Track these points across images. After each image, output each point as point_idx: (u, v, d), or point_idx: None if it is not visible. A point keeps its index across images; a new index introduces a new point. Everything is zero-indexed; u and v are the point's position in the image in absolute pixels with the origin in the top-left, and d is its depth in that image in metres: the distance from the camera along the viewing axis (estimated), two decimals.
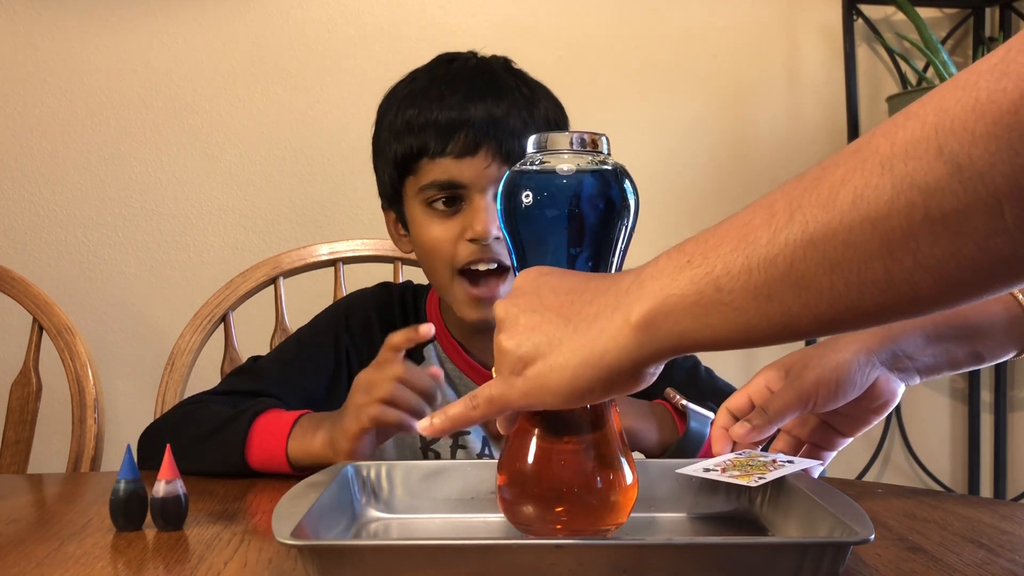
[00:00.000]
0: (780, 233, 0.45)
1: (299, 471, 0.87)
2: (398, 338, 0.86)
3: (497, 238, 0.95)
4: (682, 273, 0.48)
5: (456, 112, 0.95)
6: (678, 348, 0.50)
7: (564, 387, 0.52)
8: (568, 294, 0.54)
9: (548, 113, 1.01)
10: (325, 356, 1.06)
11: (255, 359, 1.10)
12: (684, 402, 0.92)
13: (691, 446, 0.90)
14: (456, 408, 0.59)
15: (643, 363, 0.51)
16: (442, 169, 0.95)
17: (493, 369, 0.58)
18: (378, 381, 0.85)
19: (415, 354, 1.06)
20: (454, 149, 0.94)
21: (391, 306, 1.09)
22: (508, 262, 0.96)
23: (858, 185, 0.42)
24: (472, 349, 1.06)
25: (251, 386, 1.02)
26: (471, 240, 0.95)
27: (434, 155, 0.95)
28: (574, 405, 0.54)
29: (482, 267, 0.96)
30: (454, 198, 0.96)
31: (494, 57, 1.04)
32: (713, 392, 1.03)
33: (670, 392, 0.95)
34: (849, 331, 0.74)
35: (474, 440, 1.03)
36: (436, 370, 0.88)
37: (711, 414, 0.93)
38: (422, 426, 0.60)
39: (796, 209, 0.45)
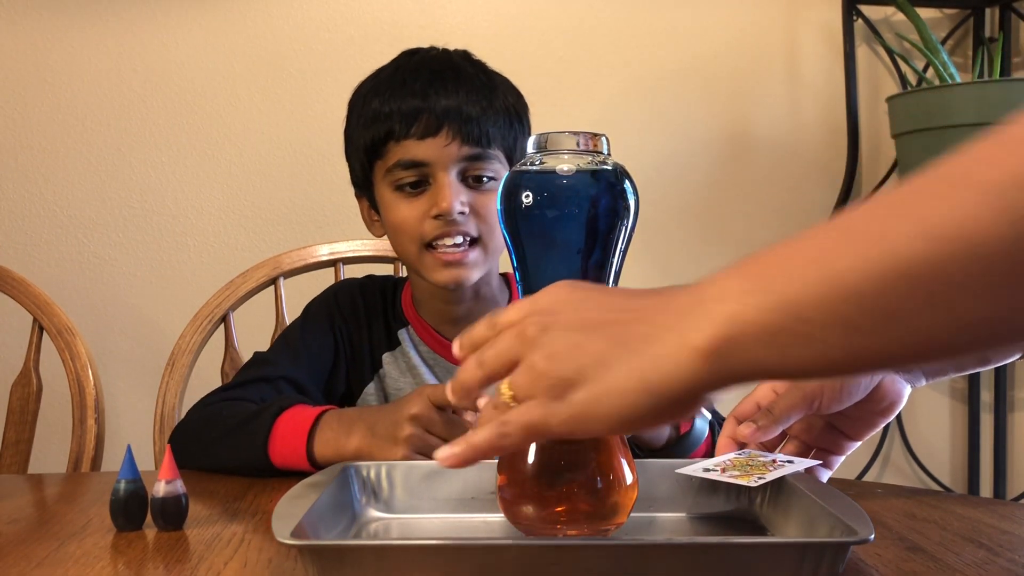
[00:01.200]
0: (867, 261, 0.40)
1: (318, 466, 0.88)
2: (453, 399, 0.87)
3: (462, 213, 0.99)
4: (752, 297, 0.44)
5: (419, 99, 1.00)
6: (749, 377, 0.45)
7: (616, 414, 0.47)
8: (615, 311, 0.49)
9: (506, 100, 1.05)
10: (325, 339, 1.10)
11: (260, 353, 1.11)
12: None
13: (692, 443, 0.90)
14: (482, 436, 0.52)
15: (705, 391, 0.46)
16: (406, 150, 1.00)
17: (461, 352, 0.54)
18: (419, 426, 0.86)
19: (391, 339, 1.11)
20: (417, 131, 1.00)
21: (374, 295, 1.14)
22: (474, 234, 1.01)
23: (958, 215, 0.38)
24: (441, 328, 1.10)
25: (262, 372, 1.04)
26: (436, 216, 0.99)
27: (399, 138, 1.00)
28: (623, 432, 0.51)
29: (448, 241, 1.00)
30: (420, 180, 1.01)
31: (456, 50, 1.10)
32: None
33: None
34: (937, 366, 0.73)
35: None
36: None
37: (708, 414, 0.93)
38: (441, 456, 0.54)
39: (882, 237, 0.40)
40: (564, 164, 0.62)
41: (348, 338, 1.11)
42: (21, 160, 1.82)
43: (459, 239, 1.00)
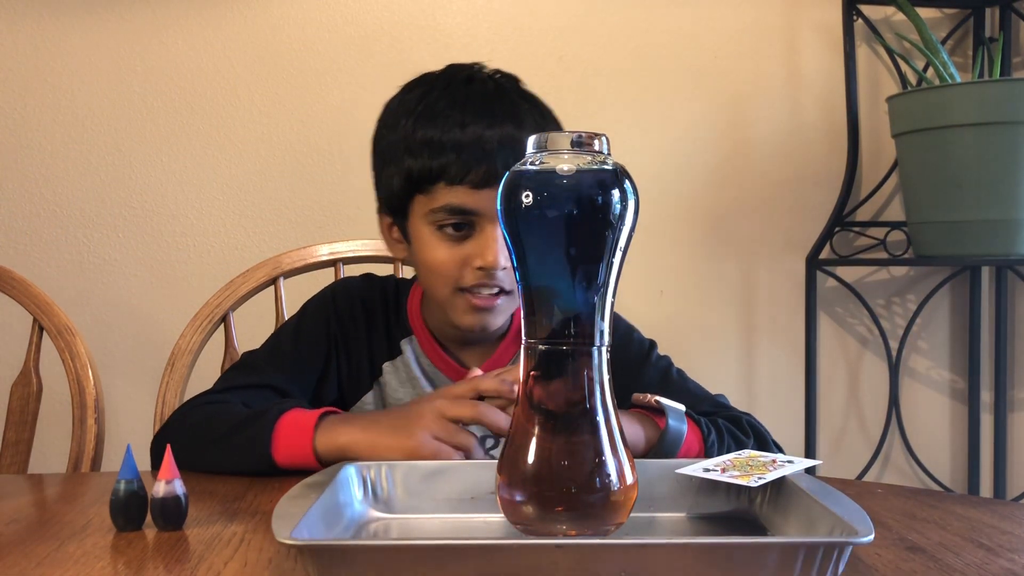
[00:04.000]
0: None
1: (326, 464, 0.88)
2: (490, 385, 0.87)
3: (504, 268, 0.97)
4: None
5: (477, 143, 0.96)
6: None
7: None
8: None
9: None
10: (318, 345, 1.08)
11: (250, 354, 1.11)
12: (657, 398, 0.92)
13: (671, 443, 0.90)
14: None
15: None
16: (457, 196, 0.96)
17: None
18: (436, 414, 0.87)
19: (392, 348, 1.09)
20: (474, 179, 0.95)
21: (373, 299, 1.11)
22: (508, 288, 0.99)
23: None
24: (449, 347, 1.08)
25: (250, 380, 1.03)
26: (479, 268, 0.97)
27: (452, 182, 0.96)
28: None
29: (484, 292, 0.99)
30: (463, 224, 0.97)
31: (503, 76, 1.05)
32: (684, 393, 1.04)
33: (638, 397, 0.95)
34: None
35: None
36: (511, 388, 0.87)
37: (682, 407, 0.92)
38: None
39: None
40: (564, 164, 0.62)
41: (345, 344, 1.08)
42: (21, 160, 1.82)
43: (495, 290, 0.99)
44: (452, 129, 0.97)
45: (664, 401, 0.92)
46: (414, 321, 1.09)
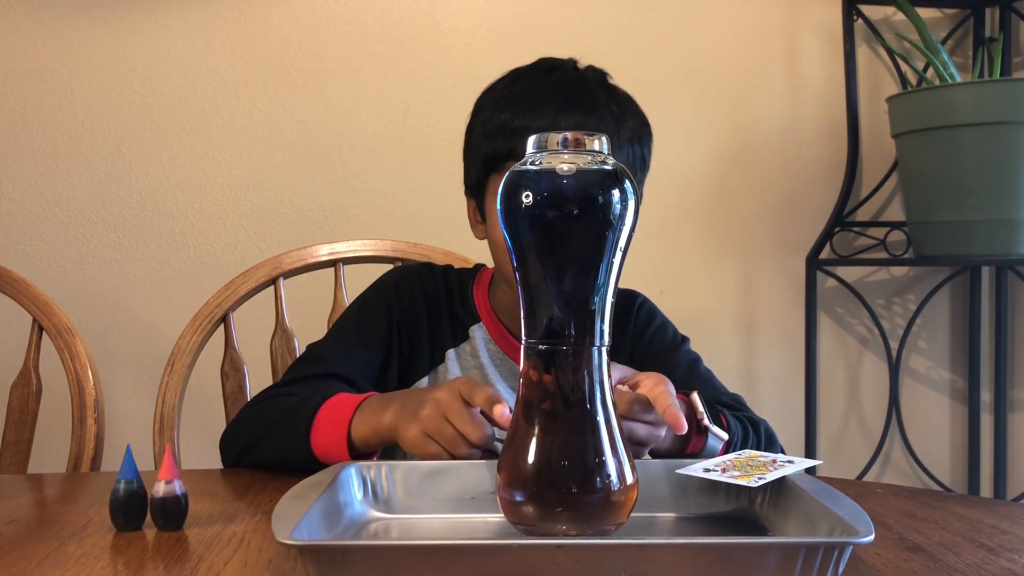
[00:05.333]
0: None
1: (360, 455, 0.89)
2: (480, 399, 0.83)
3: None
4: None
5: (548, 123, 0.99)
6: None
7: None
8: None
9: (634, 131, 1.07)
10: (380, 331, 1.09)
11: (313, 345, 1.11)
12: (707, 423, 0.92)
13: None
14: None
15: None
16: None
17: None
18: (438, 411, 0.84)
19: (457, 334, 1.10)
20: None
21: (436, 285, 1.13)
22: None
23: None
24: (518, 332, 1.07)
25: (317, 369, 1.04)
26: None
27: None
28: None
29: None
30: None
31: (591, 69, 1.10)
32: (707, 387, 1.06)
33: (697, 403, 0.94)
34: None
35: None
36: (503, 415, 0.83)
37: (725, 435, 0.92)
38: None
39: None
40: (564, 164, 0.62)
41: (407, 330, 1.10)
42: (21, 160, 1.82)
43: None
44: (526, 113, 1.00)
45: (713, 428, 0.92)
46: (481, 308, 1.11)
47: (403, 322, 1.10)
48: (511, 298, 1.07)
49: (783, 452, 1.02)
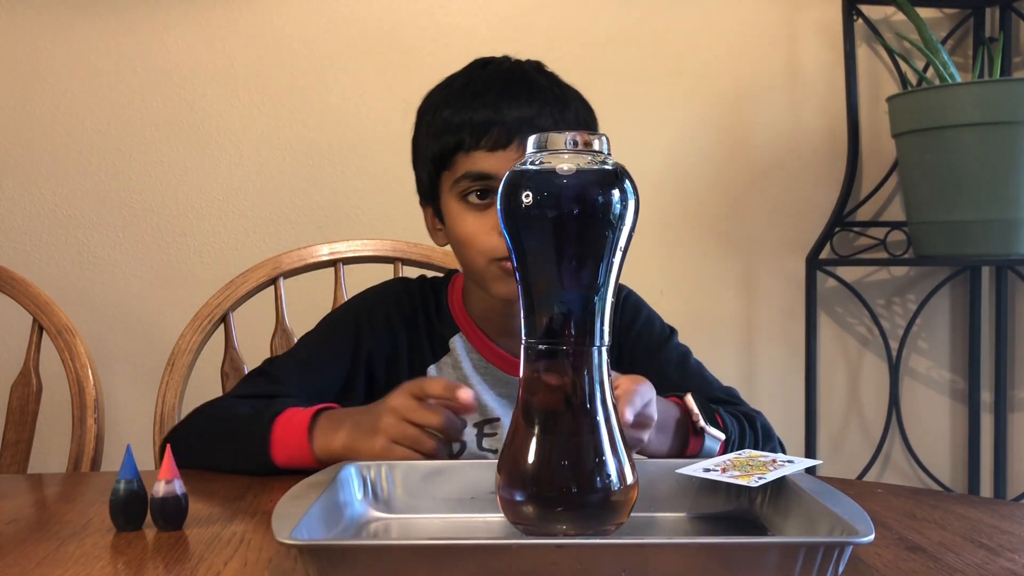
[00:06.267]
0: None
1: (324, 466, 0.88)
2: (437, 389, 0.85)
3: None
4: None
5: (490, 110, 0.99)
6: None
7: None
8: None
9: (579, 114, 1.05)
10: (341, 356, 1.07)
11: (271, 361, 1.11)
12: (703, 424, 0.92)
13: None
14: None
15: None
16: (474, 161, 0.99)
17: None
18: (396, 416, 0.85)
19: (437, 348, 1.09)
20: (487, 143, 0.98)
21: (412, 300, 1.11)
22: None
23: None
24: (497, 339, 1.08)
25: (268, 388, 1.03)
26: None
27: (468, 149, 0.99)
28: None
29: None
30: (487, 190, 0.99)
31: (528, 61, 1.08)
32: (699, 381, 1.06)
33: (692, 405, 0.94)
34: None
35: (506, 423, 1.05)
36: (467, 397, 0.84)
37: (722, 435, 0.93)
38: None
39: None
40: (564, 164, 0.62)
41: (383, 355, 1.08)
42: (21, 160, 1.82)
43: None
44: (466, 105, 1.00)
45: (708, 428, 0.93)
46: (459, 317, 1.09)
47: (377, 350, 1.08)
48: (487, 302, 1.06)
49: (780, 444, 1.03)
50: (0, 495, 0.87)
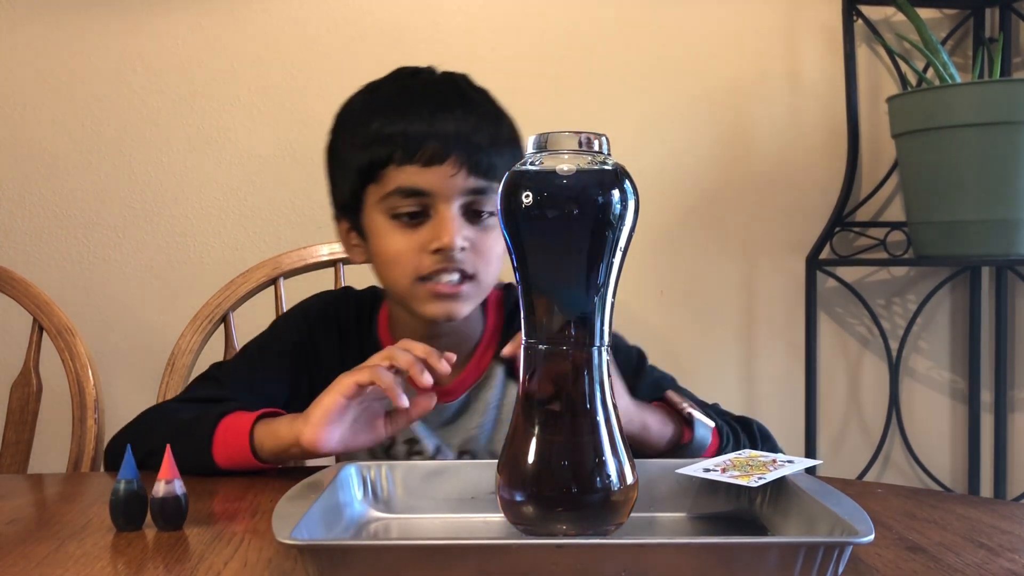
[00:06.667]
0: None
1: (266, 461, 0.89)
2: (419, 351, 0.85)
3: (463, 249, 0.94)
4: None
5: (425, 123, 0.94)
6: None
7: None
8: None
9: (511, 130, 1.00)
10: (285, 361, 1.05)
11: (218, 365, 1.10)
12: (690, 411, 0.93)
13: (694, 454, 0.91)
14: None
15: None
16: (407, 176, 0.94)
17: None
18: (362, 368, 0.85)
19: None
20: (421, 157, 0.93)
21: (347, 315, 1.09)
22: (471, 271, 0.95)
23: None
24: None
25: (214, 392, 1.02)
26: (436, 251, 0.93)
27: (401, 163, 0.94)
28: None
29: (445, 278, 0.95)
30: (419, 211, 0.95)
31: (457, 73, 1.04)
32: (652, 382, 1.04)
33: (674, 397, 0.95)
34: None
35: (427, 445, 1.04)
36: (443, 368, 0.85)
37: (712, 423, 0.93)
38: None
39: None
40: (564, 164, 0.62)
41: (318, 362, 1.05)
42: (21, 160, 1.82)
43: (456, 276, 0.94)
44: (398, 117, 0.95)
45: (696, 415, 0.92)
46: (384, 336, 1.06)
47: (314, 354, 1.05)
48: (410, 324, 1.01)
49: (781, 450, 1.03)
50: (0, 495, 0.87)
